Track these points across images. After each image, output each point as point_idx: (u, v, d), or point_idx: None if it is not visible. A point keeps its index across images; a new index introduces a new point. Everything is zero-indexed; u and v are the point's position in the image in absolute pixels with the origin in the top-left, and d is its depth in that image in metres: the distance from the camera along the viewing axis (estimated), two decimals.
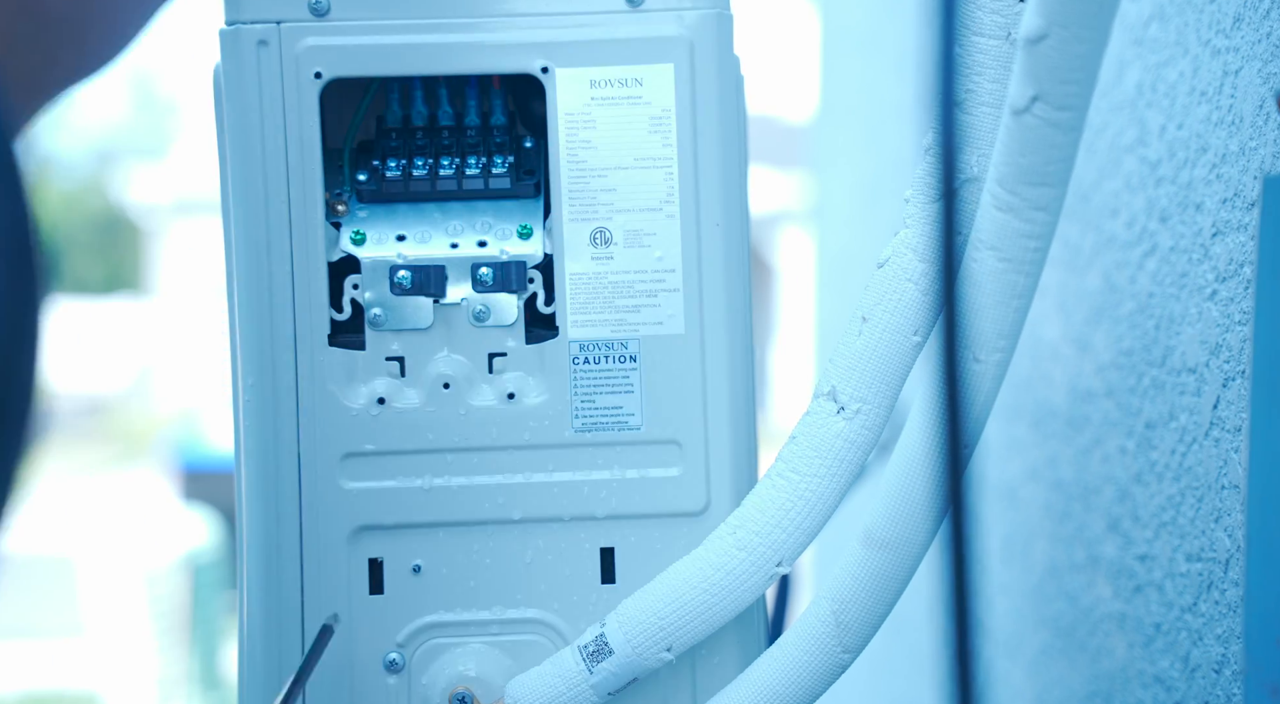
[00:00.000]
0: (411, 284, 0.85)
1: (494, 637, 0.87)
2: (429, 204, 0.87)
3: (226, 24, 0.84)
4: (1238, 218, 0.87)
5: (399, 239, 0.86)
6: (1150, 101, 1.03)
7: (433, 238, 0.86)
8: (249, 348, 0.85)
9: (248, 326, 0.85)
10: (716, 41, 0.85)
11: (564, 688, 0.83)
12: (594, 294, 0.85)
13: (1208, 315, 0.91)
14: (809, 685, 0.83)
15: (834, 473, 0.82)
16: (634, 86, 0.85)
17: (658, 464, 0.86)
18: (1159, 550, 1.00)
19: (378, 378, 0.86)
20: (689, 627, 0.83)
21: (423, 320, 0.86)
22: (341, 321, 0.86)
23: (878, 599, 0.81)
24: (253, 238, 0.84)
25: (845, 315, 0.87)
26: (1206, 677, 0.92)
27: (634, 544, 0.86)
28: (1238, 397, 0.87)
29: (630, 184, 0.85)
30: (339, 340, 0.86)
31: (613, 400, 0.86)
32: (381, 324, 0.86)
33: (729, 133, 0.86)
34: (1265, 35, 0.83)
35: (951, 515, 0.48)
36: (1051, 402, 1.26)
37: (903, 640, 1.86)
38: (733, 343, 0.86)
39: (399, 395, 0.86)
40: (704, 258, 0.85)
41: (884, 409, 0.83)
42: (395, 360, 0.86)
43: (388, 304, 0.86)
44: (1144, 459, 1.03)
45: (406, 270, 0.85)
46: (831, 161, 2.62)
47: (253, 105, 0.84)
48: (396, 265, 0.85)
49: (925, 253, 0.82)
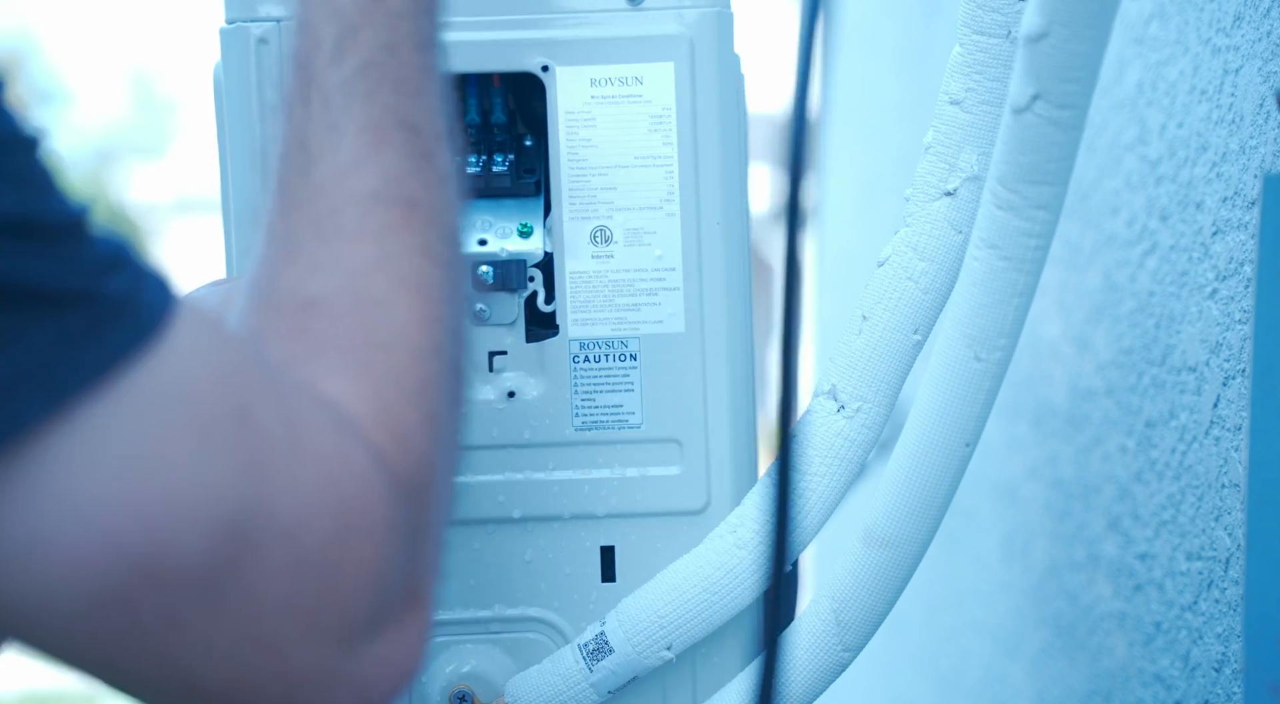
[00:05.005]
0: None
1: (494, 635, 0.87)
2: None
3: (227, 22, 0.84)
4: (1238, 216, 0.87)
5: None
6: (1151, 100, 1.03)
7: None
8: None
9: None
10: (717, 40, 0.85)
11: (564, 686, 0.83)
12: (594, 292, 0.85)
13: (1208, 314, 0.91)
14: (809, 684, 0.83)
15: (834, 471, 0.82)
16: (634, 85, 0.85)
17: (658, 463, 0.86)
18: (1159, 549, 1.00)
19: None
20: (689, 625, 0.83)
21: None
22: None
23: (878, 597, 0.81)
24: (252, 237, 0.84)
25: (845, 314, 0.87)
26: (1206, 675, 0.92)
27: (634, 543, 0.86)
28: (1238, 395, 0.87)
29: (630, 182, 0.85)
30: None
31: (613, 399, 0.86)
32: None
33: (729, 131, 0.86)
34: (1265, 34, 0.83)
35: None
36: (1052, 400, 1.26)
37: (903, 640, 1.86)
38: (733, 341, 0.86)
39: None
40: (704, 256, 0.85)
41: (884, 407, 0.83)
42: None
43: None
44: (1144, 458, 1.03)
45: None
46: (832, 160, 2.62)
47: (253, 104, 0.84)
48: None
49: (926, 252, 0.82)
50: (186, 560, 0.46)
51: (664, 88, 0.85)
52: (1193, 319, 0.94)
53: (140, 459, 0.45)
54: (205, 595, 0.46)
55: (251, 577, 0.47)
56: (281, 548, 0.47)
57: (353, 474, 0.50)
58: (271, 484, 0.47)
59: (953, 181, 0.80)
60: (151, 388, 0.45)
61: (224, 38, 0.84)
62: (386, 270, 0.53)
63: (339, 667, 0.50)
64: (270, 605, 0.48)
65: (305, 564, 0.48)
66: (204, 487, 0.46)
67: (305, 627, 0.48)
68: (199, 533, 0.46)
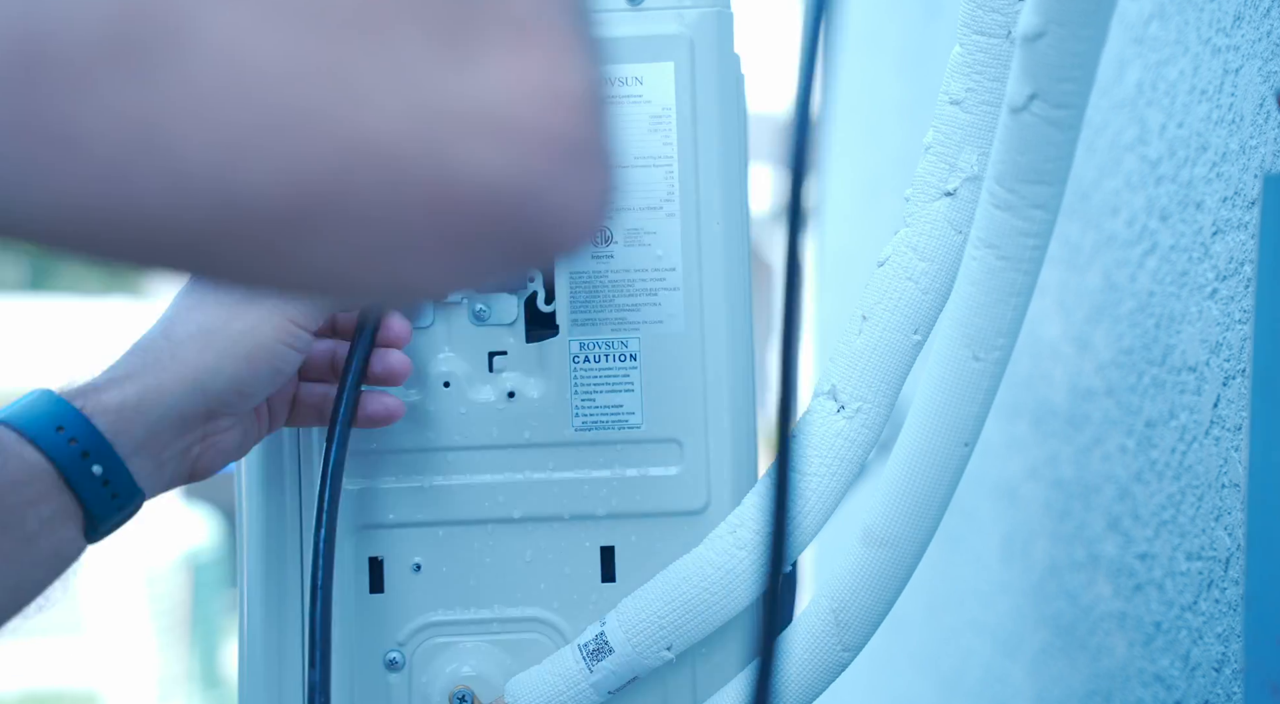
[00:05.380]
0: None
1: (494, 635, 0.87)
2: None
3: None
4: (1238, 216, 0.87)
5: None
6: (1150, 100, 1.03)
7: None
8: None
9: None
10: (717, 40, 0.85)
11: (564, 686, 0.83)
12: (594, 293, 0.85)
13: (1208, 314, 0.91)
14: (809, 684, 0.83)
15: (834, 471, 0.82)
16: (634, 85, 0.85)
17: (658, 463, 0.86)
18: (1159, 549, 1.00)
19: None
20: (689, 625, 0.83)
21: (423, 319, 0.86)
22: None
23: (878, 597, 0.81)
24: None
25: (845, 314, 0.87)
26: (1206, 675, 0.92)
27: (634, 543, 0.86)
28: (1238, 395, 0.87)
29: (630, 183, 0.85)
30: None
31: (613, 399, 0.86)
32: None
33: (729, 131, 0.86)
34: (1266, 34, 0.83)
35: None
36: (1052, 400, 1.26)
37: (903, 640, 1.86)
38: (733, 342, 0.86)
39: (400, 394, 0.86)
40: (704, 256, 0.85)
41: (884, 407, 0.83)
42: None
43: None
44: (1144, 458, 1.03)
45: None
46: (832, 160, 2.62)
47: None
48: None
49: (926, 252, 0.82)
50: (90, 29, 0.35)
51: (664, 88, 0.85)
52: (1193, 319, 0.94)
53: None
54: (153, 70, 0.36)
55: (216, 35, 0.36)
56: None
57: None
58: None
59: (953, 181, 0.80)
60: None
61: None
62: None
63: (431, 105, 0.38)
64: (271, 62, 0.37)
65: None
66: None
67: (337, 72, 0.37)
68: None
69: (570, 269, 0.85)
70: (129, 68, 0.35)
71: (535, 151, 0.39)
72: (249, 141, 0.36)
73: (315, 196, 0.37)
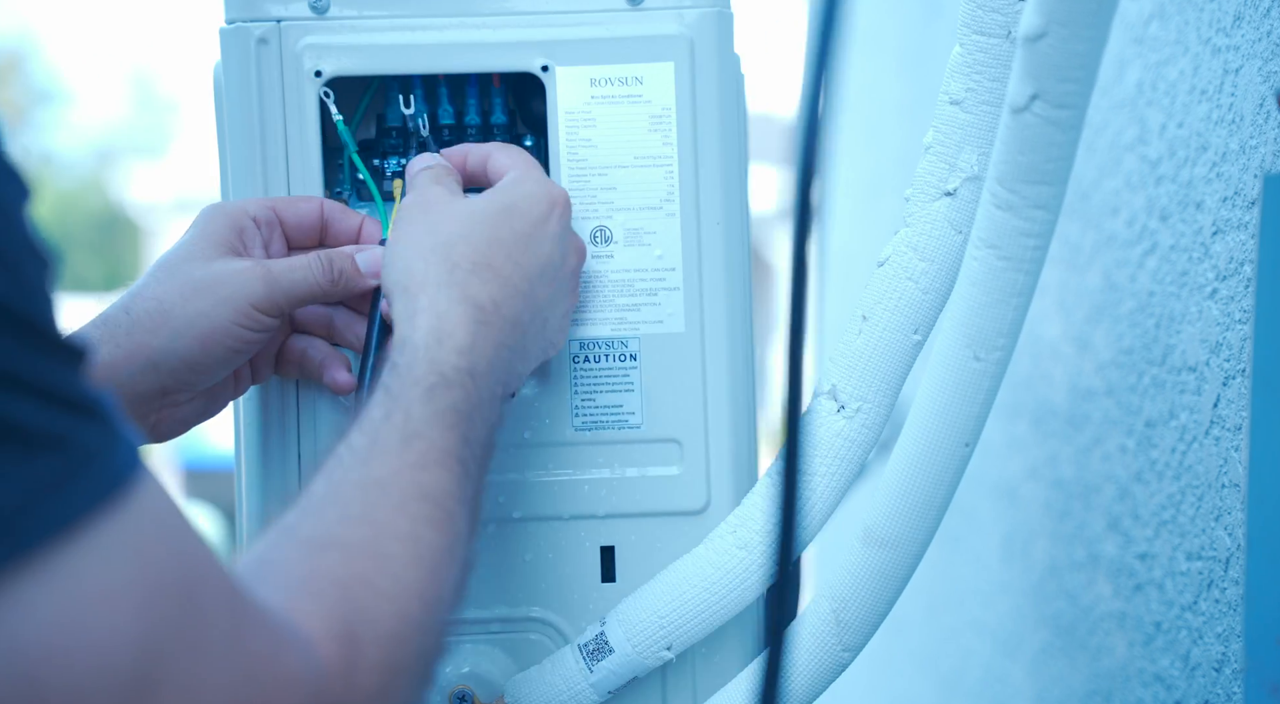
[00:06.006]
0: None
1: (494, 635, 0.87)
2: None
3: (227, 22, 0.84)
4: (1238, 216, 0.87)
5: None
6: (1150, 100, 1.03)
7: None
8: None
9: None
10: (717, 40, 0.85)
11: (564, 686, 0.83)
12: (594, 292, 0.85)
13: (1208, 314, 0.91)
14: (809, 684, 0.83)
15: (834, 471, 0.82)
16: (634, 85, 0.85)
17: (658, 463, 0.86)
18: (1159, 549, 1.00)
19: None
20: (689, 625, 0.83)
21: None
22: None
23: (878, 597, 0.81)
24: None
25: (846, 314, 0.87)
26: (1206, 675, 0.92)
27: (634, 543, 0.86)
28: (1238, 395, 0.87)
29: (630, 182, 0.85)
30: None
31: (613, 399, 0.86)
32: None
33: (729, 131, 0.86)
34: (1265, 34, 0.83)
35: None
36: (1052, 400, 1.26)
37: (903, 640, 1.86)
38: (733, 341, 0.86)
39: None
40: (704, 256, 0.85)
41: (884, 407, 0.83)
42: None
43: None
44: (1144, 458, 1.03)
45: None
46: (832, 160, 2.62)
47: (253, 103, 0.84)
48: None
49: (925, 252, 0.82)
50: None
51: (664, 88, 0.85)
52: (1193, 319, 0.94)
53: (80, 614, 0.46)
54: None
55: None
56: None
57: (282, 672, 0.51)
58: (200, 666, 0.48)
59: (953, 181, 0.80)
60: (106, 547, 0.46)
61: (224, 38, 0.84)
62: (411, 544, 0.61)
63: None
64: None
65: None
66: (135, 652, 0.46)
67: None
68: (119, 696, 0.46)
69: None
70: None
71: None
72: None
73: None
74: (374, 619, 0.58)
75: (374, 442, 0.65)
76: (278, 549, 0.59)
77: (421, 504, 0.63)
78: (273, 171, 0.84)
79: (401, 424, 0.66)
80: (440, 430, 0.66)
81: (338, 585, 0.58)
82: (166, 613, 0.48)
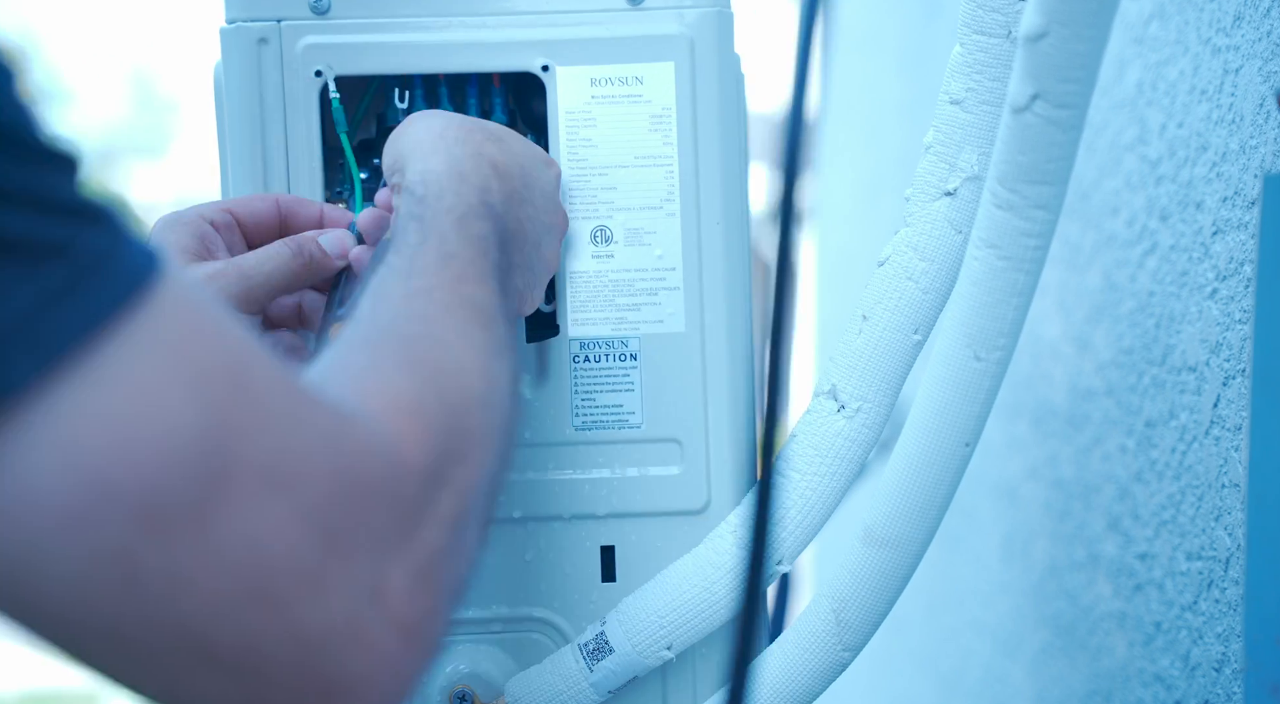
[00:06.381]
0: None
1: (494, 635, 0.87)
2: None
3: (227, 22, 0.84)
4: (1238, 216, 0.87)
5: None
6: (1150, 100, 1.03)
7: None
8: None
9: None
10: (717, 39, 0.85)
11: (564, 686, 0.83)
12: (594, 292, 0.85)
13: (1208, 314, 0.91)
14: (809, 684, 0.83)
15: (834, 471, 0.82)
16: (634, 85, 0.85)
17: (658, 462, 0.86)
18: (1159, 549, 1.00)
19: None
20: (689, 625, 0.83)
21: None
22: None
23: (878, 597, 0.81)
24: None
25: (845, 314, 0.87)
26: (1206, 675, 0.92)
27: (634, 542, 0.86)
28: (1238, 395, 0.87)
29: (631, 182, 0.85)
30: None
31: (613, 399, 0.86)
32: None
33: (730, 131, 0.86)
34: (1266, 34, 0.83)
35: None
36: (1052, 400, 1.26)
37: (903, 640, 1.86)
38: (733, 341, 0.86)
39: None
40: (704, 256, 0.85)
41: (884, 407, 0.83)
42: None
43: None
44: (1144, 458, 1.03)
45: None
46: (832, 160, 2.62)
47: (253, 103, 0.84)
48: None
49: (926, 251, 0.82)
50: (184, 508, 0.46)
51: (664, 87, 0.85)
52: (1193, 319, 0.94)
53: (131, 407, 0.45)
54: (206, 546, 0.46)
55: (252, 528, 0.47)
56: (280, 501, 0.48)
57: (353, 440, 0.51)
58: (267, 438, 0.48)
59: (953, 181, 0.80)
60: (139, 343, 0.46)
61: (224, 38, 0.84)
62: (464, 336, 0.62)
63: (350, 628, 0.49)
64: (274, 559, 0.48)
65: (304, 520, 0.48)
66: (198, 434, 0.46)
67: (311, 584, 0.48)
68: (195, 479, 0.46)
69: (571, 269, 0.85)
70: (190, 533, 0.46)
71: (386, 675, 0.51)
72: (232, 609, 0.47)
73: (243, 655, 0.48)
74: (440, 389, 0.57)
75: (413, 261, 0.65)
76: (334, 356, 0.58)
77: (466, 309, 0.64)
78: (273, 171, 0.84)
79: (437, 246, 0.66)
80: (475, 254, 0.67)
81: (399, 367, 0.57)
82: (218, 396, 0.47)
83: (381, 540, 0.51)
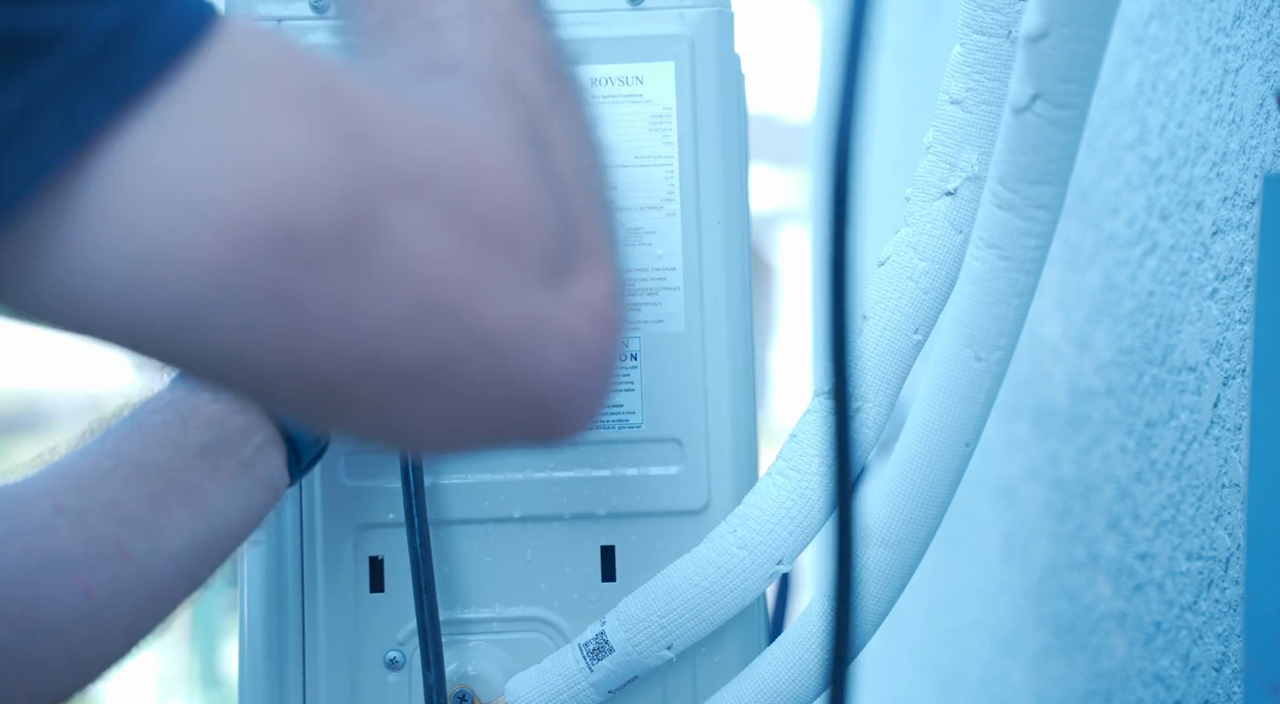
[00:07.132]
0: None
1: (494, 634, 0.87)
2: None
3: None
4: (1238, 216, 0.87)
5: None
6: (1151, 100, 1.03)
7: None
8: None
9: None
10: (717, 39, 0.85)
11: (564, 686, 0.83)
12: None
13: (1208, 314, 0.91)
14: (810, 684, 0.83)
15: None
16: (634, 84, 0.85)
17: (658, 462, 0.86)
18: (1159, 549, 1.00)
19: None
20: (690, 625, 0.83)
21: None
22: None
23: (878, 597, 0.81)
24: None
25: None
26: (1206, 675, 0.92)
27: (634, 542, 0.86)
28: (1238, 395, 0.87)
29: (630, 182, 0.85)
30: None
31: (613, 399, 0.86)
32: None
33: (729, 131, 0.86)
34: (1266, 33, 0.83)
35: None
36: (1052, 400, 1.26)
37: (903, 640, 1.86)
38: (733, 341, 0.86)
39: None
40: (704, 256, 0.85)
41: (885, 407, 0.83)
42: None
43: None
44: (1144, 458, 1.03)
45: None
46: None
47: None
48: None
49: (926, 251, 0.82)
50: (323, 227, 0.44)
51: (664, 87, 0.85)
52: (1193, 319, 0.94)
53: (239, 134, 0.44)
54: (358, 264, 0.45)
55: (400, 237, 0.45)
56: (418, 204, 0.46)
57: (465, 123, 0.49)
58: (383, 144, 0.46)
59: (953, 181, 0.80)
60: (224, 72, 0.44)
61: None
62: (533, 48, 0.56)
63: (532, 313, 0.48)
64: (434, 264, 0.46)
65: (449, 214, 0.46)
66: (313, 153, 0.44)
67: (478, 278, 0.47)
68: (325, 197, 0.44)
69: None
70: (346, 257, 0.45)
71: (588, 362, 0.49)
72: (407, 324, 0.46)
73: (435, 369, 0.46)
74: (527, 81, 0.53)
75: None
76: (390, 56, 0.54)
77: (517, 19, 0.57)
78: None
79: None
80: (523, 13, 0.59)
81: (484, 65, 0.53)
82: (324, 114, 0.45)
83: (531, 213, 0.48)
